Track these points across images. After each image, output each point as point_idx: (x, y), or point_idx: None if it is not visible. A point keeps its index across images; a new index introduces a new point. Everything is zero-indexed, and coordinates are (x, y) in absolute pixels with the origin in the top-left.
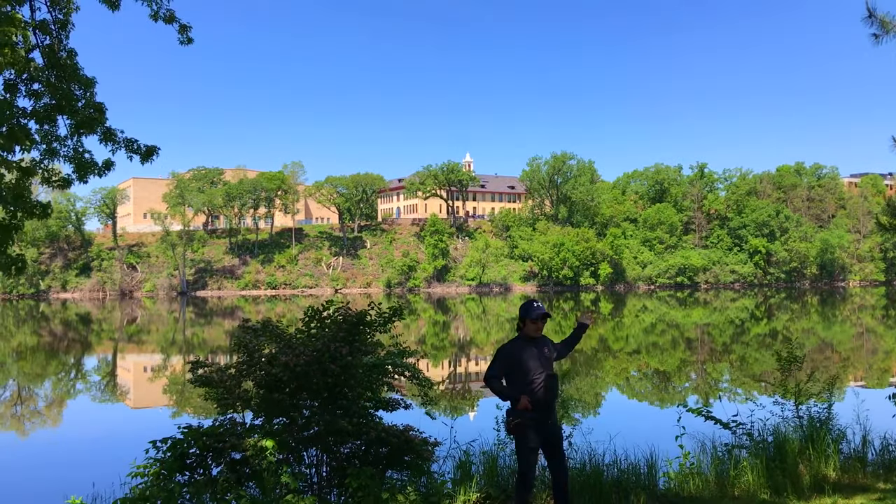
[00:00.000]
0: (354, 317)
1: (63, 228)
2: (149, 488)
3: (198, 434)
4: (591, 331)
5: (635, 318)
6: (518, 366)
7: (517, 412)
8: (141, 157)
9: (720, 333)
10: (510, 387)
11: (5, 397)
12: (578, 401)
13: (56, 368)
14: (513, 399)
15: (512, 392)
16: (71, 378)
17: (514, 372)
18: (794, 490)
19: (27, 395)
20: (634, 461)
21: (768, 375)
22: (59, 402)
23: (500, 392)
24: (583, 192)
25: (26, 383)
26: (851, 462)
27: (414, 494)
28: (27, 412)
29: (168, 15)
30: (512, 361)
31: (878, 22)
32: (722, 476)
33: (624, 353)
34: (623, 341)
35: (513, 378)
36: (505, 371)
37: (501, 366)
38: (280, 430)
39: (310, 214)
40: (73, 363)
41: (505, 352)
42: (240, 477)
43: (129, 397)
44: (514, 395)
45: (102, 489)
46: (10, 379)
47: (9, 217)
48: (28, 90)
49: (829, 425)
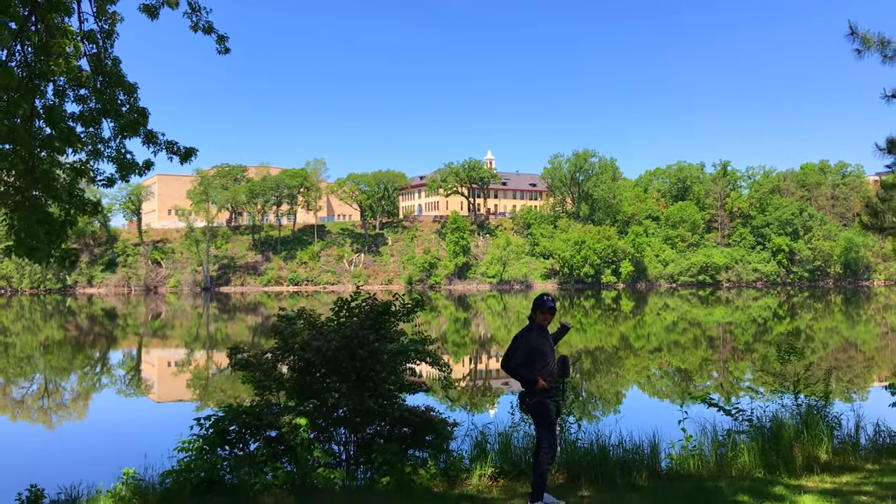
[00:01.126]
0: (380, 306)
1: (89, 224)
2: (193, 461)
3: (237, 412)
4: (612, 329)
5: (657, 317)
6: (536, 352)
7: (536, 391)
8: (181, 157)
9: (742, 332)
10: (528, 370)
11: (33, 390)
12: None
13: (82, 362)
14: (531, 381)
15: (529, 375)
16: (97, 372)
17: (533, 358)
18: (787, 469)
19: (54, 388)
20: (639, 443)
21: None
22: (84, 396)
23: (520, 375)
24: (604, 189)
25: (53, 377)
26: (844, 446)
27: (434, 468)
28: (54, 405)
29: (207, 26)
30: (530, 349)
31: (860, 39)
32: (721, 457)
33: (645, 350)
34: (644, 339)
35: (530, 363)
36: (525, 357)
37: (523, 353)
38: (312, 410)
39: (332, 211)
40: (98, 357)
41: (524, 341)
42: (275, 452)
43: (153, 391)
44: (533, 378)
45: (153, 460)
46: (38, 372)
47: (63, 214)
48: (76, 95)
49: (824, 413)
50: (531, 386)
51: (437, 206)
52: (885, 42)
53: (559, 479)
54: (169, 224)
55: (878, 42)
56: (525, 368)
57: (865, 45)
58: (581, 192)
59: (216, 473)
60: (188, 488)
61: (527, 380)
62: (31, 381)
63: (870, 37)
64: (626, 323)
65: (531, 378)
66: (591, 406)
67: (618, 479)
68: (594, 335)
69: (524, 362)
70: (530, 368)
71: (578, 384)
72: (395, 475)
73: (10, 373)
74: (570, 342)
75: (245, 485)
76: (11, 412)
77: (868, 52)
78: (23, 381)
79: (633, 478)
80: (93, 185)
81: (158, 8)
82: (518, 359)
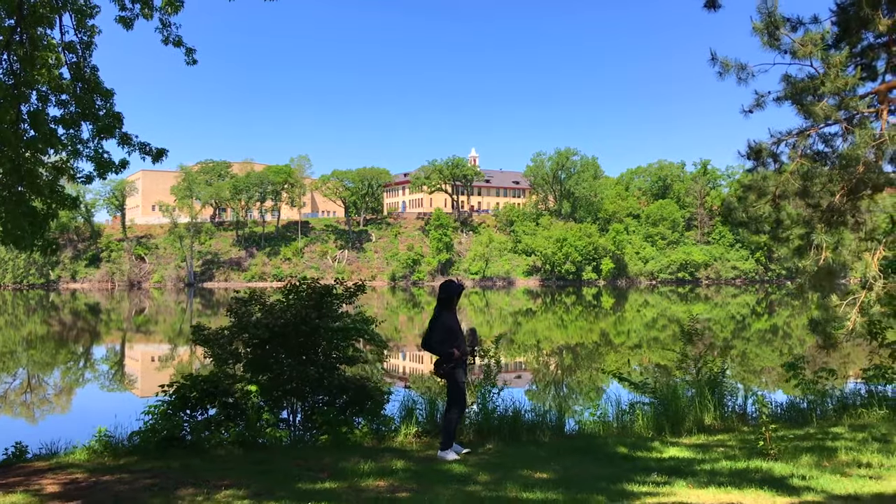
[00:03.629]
0: (322, 289)
1: (73, 220)
2: (158, 422)
3: (196, 381)
4: (592, 325)
5: (637, 313)
6: (449, 331)
7: (452, 361)
8: (152, 157)
9: (721, 329)
10: (445, 345)
11: (16, 385)
12: (535, 376)
13: (65, 357)
14: (447, 353)
15: (448, 349)
16: (80, 367)
17: (446, 336)
18: (672, 431)
19: (37, 383)
20: (548, 409)
21: (769, 371)
22: (68, 391)
23: (439, 351)
24: (586, 187)
25: (36, 371)
26: (731, 415)
27: (366, 428)
28: (37, 400)
29: (176, 40)
30: (444, 328)
31: (720, 63)
32: (623, 423)
33: (625, 347)
34: (625, 336)
35: (445, 340)
36: (440, 336)
37: (439, 332)
38: (265, 381)
39: (316, 208)
40: (82, 352)
41: (439, 323)
42: (229, 415)
43: (136, 386)
44: (450, 351)
45: (122, 420)
46: (21, 367)
47: (45, 208)
48: (57, 100)
49: (717, 387)
50: (448, 357)
51: (421, 203)
52: (741, 66)
53: (472, 437)
54: (153, 220)
55: (735, 66)
56: (441, 344)
57: (725, 69)
58: (563, 189)
59: (177, 432)
60: (153, 444)
61: (446, 353)
62: (13, 377)
63: (728, 62)
64: (607, 319)
65: (450, 352)
66: (519, 382)
67: (524, 437)
68: (575, 331)
69: (440, 339)
70: (446, 343)
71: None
72: (332, 434)
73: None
74: (552, 338)
75: (202, 441)
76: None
77: (728, 74)
78: (5, 377)
79: (537, 436)
80: (73, 182)
81: (133, 20)
82: (435, 337)
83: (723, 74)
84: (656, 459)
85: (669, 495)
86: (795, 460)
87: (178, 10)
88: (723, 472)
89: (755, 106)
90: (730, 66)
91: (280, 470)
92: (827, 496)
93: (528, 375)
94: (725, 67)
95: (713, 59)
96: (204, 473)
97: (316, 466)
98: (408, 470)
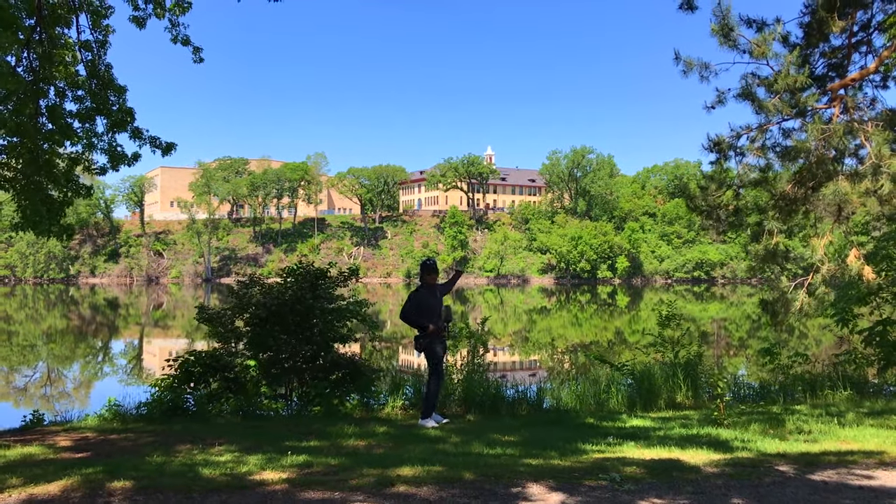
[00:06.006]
0: (316, 271)
1: (92, 216)
2: (163, 394)
3: (200, 356)
4: (606, 323)
5: (651, 312)
6: (425, 307)
7: (428, 335)
8: (162, 151)
9: (737, 328)
10: (420, 319)
11: (36, 378)
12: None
13: (84, 351)
14: (423, 327)
15: (422, 322)
16: (98, 361)
17: (424, 310)
18: (644, 408)
19: (56, 376)
20: (527, 387)
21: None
22: (87, 384)
23: (415, 323)
24: (602, 185)
25: (56, 365)
26: (702, 393)
27: (356, 401)
28: (56, 393)
29: (184, 39)
30: (421, 303)
31: (683, 62)
32: (599, 400)
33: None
34: (639, 335)
35: (422, 313)
36: (417, 308)
37: (415, 307)
38: (265, 360)
39: (332, 205)
40: (100, 347)
41: (416, 299)
42: (230, 387)
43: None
44: (425, 324)
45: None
46: (41, 361)
47: (62, 196)
48: (73, 96)
49: (693, 369)
50: (424, 331)
51: (437, 201)
52: (704, 65)
53: (455, 410)
54: (171, 216)
55: (698, 65)
56: (418, 317)
57: (688, 67)
58: (579, 187)
59: (181, 402)
60: (158, 412)
61: (421, 326)
62: (33, 370)
63: (692, 61)
64: (622, 318)
65: (424, 325)
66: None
67: (503, 411)
68: (589, 329)
69: (417, 314)
70: (422, 318)
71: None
72: (324, 405)
73: (13, 361)
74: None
75: (204, 411)
76: (14, 399)
77: (691, 72)
78: (26, 370)
79: (516, 410)
80: (88, 173)
81: (146, 20)
82: (412, 311)
83: (686, 73)
84: (618, 428)
85: (616, 453)
86: (744, 428)
87: (186, 11)
88: (674, 438)
89: (717, 102)
90: (692, 65)
91: (272, 433)
92: (758, 454)
93: (543, 374)
94: (689, 66)
95: (677, 59)
96: (202, 434)
97: (305, 431)
98: (388, 434)
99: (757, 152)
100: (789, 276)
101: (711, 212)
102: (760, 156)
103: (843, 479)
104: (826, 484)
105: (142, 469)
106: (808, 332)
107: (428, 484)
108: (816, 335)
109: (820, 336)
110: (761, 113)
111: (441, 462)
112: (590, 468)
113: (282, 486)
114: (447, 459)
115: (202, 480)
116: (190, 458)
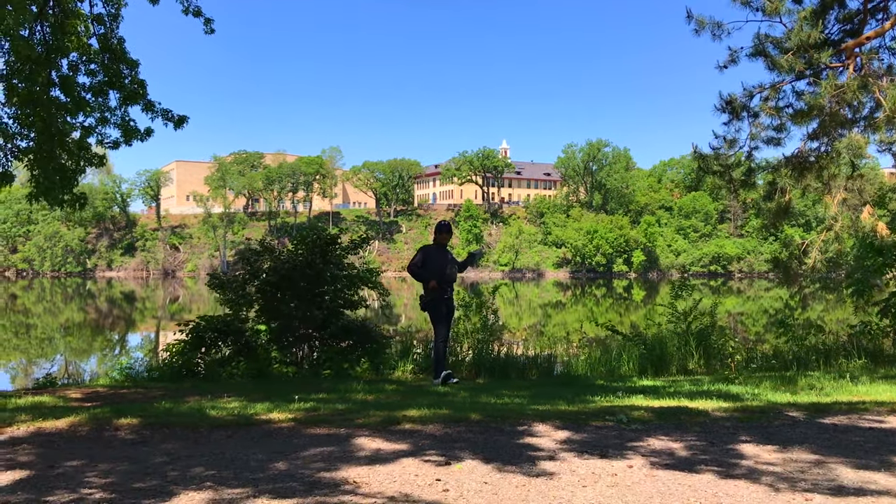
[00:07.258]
0: (328, 237)
1: (109, 209)
2: (174, 358)
3: (212, 321)
4: (623, 317)
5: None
6: (432, 260)
7: (429, 292)
8: (174, 123)
9: (753, 322)
10: (425, 272)
11: (53, 371)
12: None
13: (102, 344)
14: (426, 281)
15: (425, 275)
16: (115, 354)
17: (428, 264)
18: (653, 373)
19: (74, 369)
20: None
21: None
22: (104, 377)
23: (418, 275)
24: (617, 179)
25: (73, 358)
26: (714, 362)
27: (367, 365)
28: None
29: (196, 10)
30: (428, 257)
31: (696, 21)
32: (611, 367)
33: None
34: (655, 327)
35: (427, 267)
36: (423, 262)
37: (421, 260)
38: (276, 328)
39: (347, 199)
40: (117, 339)
41: (424, 252)
42: (240, 351)
43: None
44: (427, 278)
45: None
46: (58, 354)
47: (74, 164)
48: (86, 69)
49: (703, 337)
50: (426, 285)
51: (452, 195)
52: (717, 24)
53: (466, 374)
54: (187, 210)
55: (710, 24)
56: (422, 270)
57: (700, 26)
58: (594, 181)
59: (193, 366)
60: (168, 373)
61: (423, 278)
62: (51, 362)
63: (703, 19)
64: (638, 312)
65: (427, 278)
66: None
67: (513, 375)
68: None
69: (422, 266)
70: (426, 271)
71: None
72: (334, 368)
73: (32, 353)
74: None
75: (214, 373)
76: None
77: (703, 31)
78: (44, 363)
79: (526, 375)
80: (101, 146)
81: None
82: (418, 263)
83: (699, 32)
84: (627, 388)
85: (624, 402)
86: (756, 385)
87: None
88: (683, 392)
89: (729, 61)
90: (705, 24)
91: (281, 391)
92: (768, 403)
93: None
94: (701, 25)
95: (689, 17)
96: (212, 390)
97: (315, 389)
98: (397, 391)
99: (770, 111)
100: (800, 234)
101: (724, 172)
102: (774, 115)
103: (854, 422)
104: (836, 426)
105: (149, 411)
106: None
107: (434, 423)
108: (830, 315)
109: (834, 311)
110: (774, 70)
111: (448, 406)
112: (597, 412)
113: (288, 424)
114: (454, 404)
115: (209, 419)
116: (198, 405)
